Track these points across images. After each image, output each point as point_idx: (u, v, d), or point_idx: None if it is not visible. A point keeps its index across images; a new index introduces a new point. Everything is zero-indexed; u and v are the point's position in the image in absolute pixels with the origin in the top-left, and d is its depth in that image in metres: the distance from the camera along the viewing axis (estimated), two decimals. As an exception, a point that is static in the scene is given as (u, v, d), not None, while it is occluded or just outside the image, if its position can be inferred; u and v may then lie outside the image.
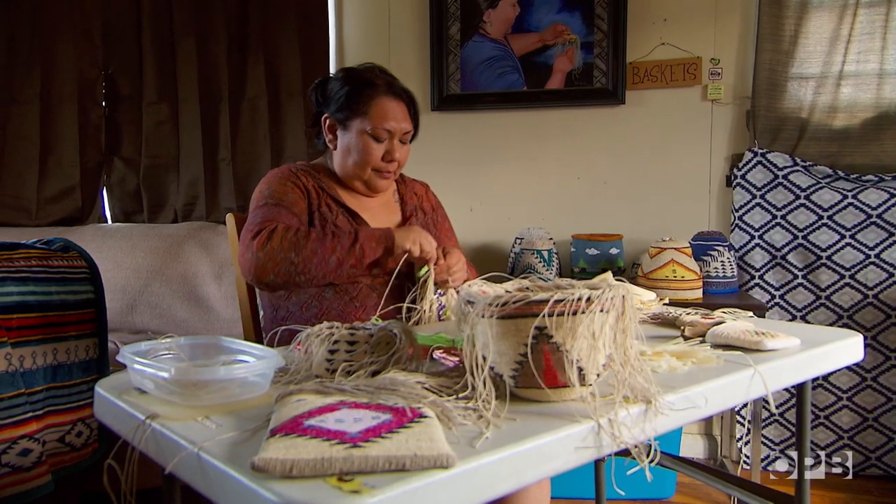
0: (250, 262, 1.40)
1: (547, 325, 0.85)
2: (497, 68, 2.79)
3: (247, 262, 1.41)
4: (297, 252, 1.40)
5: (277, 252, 1.39)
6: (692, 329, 1.30)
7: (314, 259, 1.40)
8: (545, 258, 2.42)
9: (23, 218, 2.94)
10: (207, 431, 0.79)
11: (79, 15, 2.94)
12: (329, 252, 1.41)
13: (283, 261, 1.39)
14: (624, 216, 2.76)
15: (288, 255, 1.39)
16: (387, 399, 0.80)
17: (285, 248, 1.39)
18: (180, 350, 1.02)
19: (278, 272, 1.40)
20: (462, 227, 2.91)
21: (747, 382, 1.06)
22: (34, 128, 2.93)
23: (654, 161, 2.75)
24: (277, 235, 1.40)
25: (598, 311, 0.86)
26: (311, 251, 1.40)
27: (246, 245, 1.42)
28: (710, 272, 2.44)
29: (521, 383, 0.89)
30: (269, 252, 1.39)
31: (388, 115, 1.58)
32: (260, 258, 1.39)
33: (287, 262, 1.39)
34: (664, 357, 1.10)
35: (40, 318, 1.66)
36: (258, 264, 1.39)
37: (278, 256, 1.39)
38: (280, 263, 1.39)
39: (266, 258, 1.39)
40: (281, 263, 1.39)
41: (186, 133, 2.94)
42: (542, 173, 2.84)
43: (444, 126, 2.89)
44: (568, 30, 2.72)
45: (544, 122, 2.83)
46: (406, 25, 2.92)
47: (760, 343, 1.16)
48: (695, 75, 2.67)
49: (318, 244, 1.41)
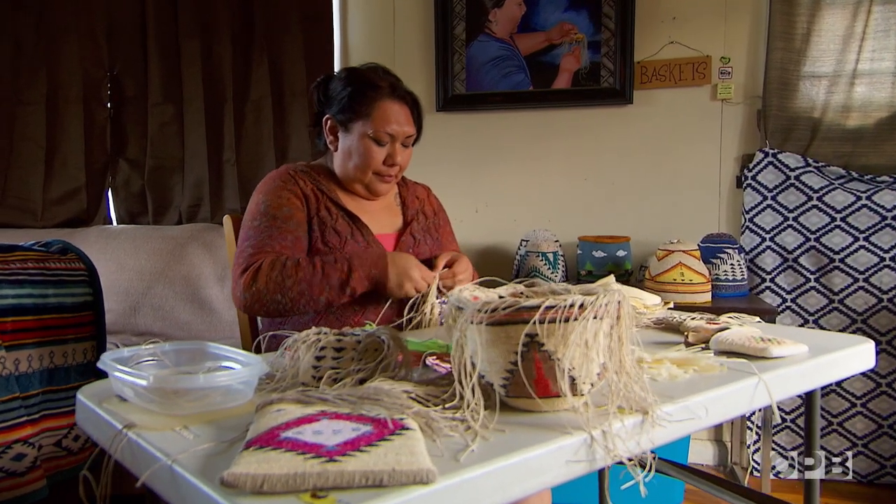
0: (238, 300, 1.41)
1: (538, 332, 0.82)
2: (503, 68, 2.76)
3: (236, 298, 1.42)
4: (284, 293, 1.37)
5: (263, 293, 1.38)
6: (695, 335, 1.26)
7: (301, 300, 1.38)
8: (550, 261, 2.38)
9: (28, 220, 2.94)
10: (184, 442, 0.76)
11: (84, 16, 2.94)
12: (318, 292, 1.39)
13: (270, 301, 1.38)
14: (631, 218, 2.71)
15: (274, 296, 1.38)
16: (369, 409, 0.77)
17: (271, 289, 1.37)
18: (165, 356, 1.00)
19: (267, 311, 1.40)
20: (467, 229, 2.89)
21: (751, 391, 1.02)
22: (40, 129, 2.94)
23: (663, 162, 2.70)
24: (263, 275, 1.38)
25: (592, 318, 0.82)
26: (298, 293, 1.38)
27: (235, 281, 1.42)
28: (720, 275, 2.39)
29: (512, 393, 0.86)
30: (255, 294, 1.38)
31: (391, 119, 1.54)
32: (247, 298, 1.39)
33: (274, 303, 1.38)
34: (664, 365, 1.06)
35: (36, 321, 1.64)
36: (246, 304, 1.40)
37: (265, 298, 1.38)
38: (267, 304, 1.38)
39: (252, 299, 1.38)
40: (268, 304, 1.38)
41: (191, 134, 2.93)
42: (549, 174, 2.81)
43: (450, 126, 2.86)
44: (575, 29, 2.68)
45: (551, 122, 2.79)
46: (411, 25, 2.89)
47: (766, 350, 1.12)
48: (704, 74, 2.63)
49: (306, 285, 1.38)
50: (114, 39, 2.96)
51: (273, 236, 1.45)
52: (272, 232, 1.46)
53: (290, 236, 1.47)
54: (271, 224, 1.47)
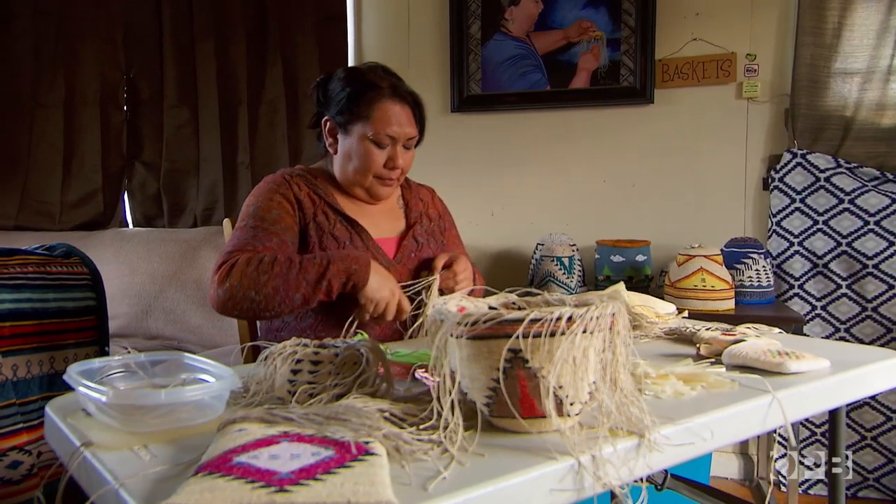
0: (213, 298, 1.34)
1: (522, 347, 0.75)
2: (519, 67, 2.69)
3: (210, 297, 1.35)
4: (258, 290, 1.30)
5: (237, 290, 1.30)
6: (707, 348, 1.18)
7: (276, 297, 1.31)
8: (566, 266, 2.31)
9: (46, 222, 2.95)
10: (137, 464, 0.71)
11: (102, 19, 2.95)
12: (293, 289, 1.31)
13: (244, 299, 1.30)
14: (652, 221, 2.62)
15: (248, 293, 1.30)
16: (336, 431, 0.71)
17: (245, 285, 1.30)
18: (139, 367, 0.96)
19: (241, 309, 1.32)
20: (482, 233, 2.83)
21: (763, 411, 0.94)
22: (58, 132, 2.95)
23: (685, 163, 2.61)
24: (237, 271, 1.31)
25: (581, 333, 0.76)
26: (272, 289, 1.30)
27: (211, 278, 1.36)
28: (744, 281, 2.29)
29: (496, 412, 0.79)
30: (228, 290, 1.31)
31: (392, 120, 1.49)
32: (220, 296, 1.32)
33: (247, 301, 1.30)
34: (669, 381, 0.98)
35: (36, 326, 1.62)
36: (220, 302, 1.33)
37: (238, 294, 1.30)
38: (241, 301, 1.31)
39: (226, 296, 1.31)
40: (242, 301, 1.31)
41: (206, 136, 2.92)
42: (567, 176, 2.73)
43: (465, 128, 2.80)
44: (593, 26, 2.61)
45: (568, 122, 2.72)
46: (426, 25, 2.84)
47: (782, 365, 1.04)
48: (729, 72, 2.53)
49: (281, 280, 1.30)
50: (130, 42, 2.96)
51: (257, 237, 1.40)
52: (257, 233, 1.41)
53: (276, 238, 1.41)
54: (257, 225, 1.42)
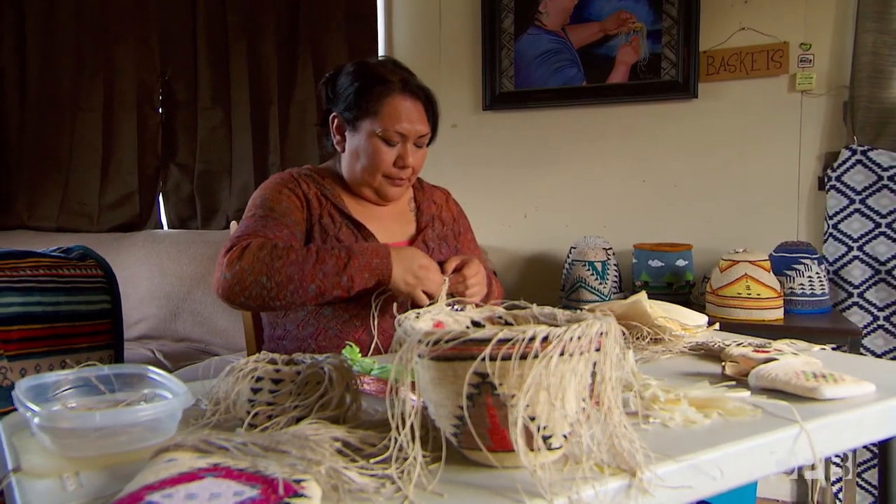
0: (219, 281, 1.25)
1: (489, 371, 0.65)
2: (554, 62, 2.57)
3: (216, 281, 1.26)
4: (270, 276, 1.22)
5: (247, 273, 1.22)
6: (733, 367, 1.05)
7: (289, 286, 1.23)
8: (598, 271, 2.18)
9: (85, 224, 3.00)
10: (59, 496, 0.65)
11: (139, 22, 2.97)
12: (309, 279, 1.23)
13: (254, 284, 1.22)
14: (695, 224, 2.47)
15: (259, 278, 1.22)
16: (269, 465, 0.63)
17: (256, 269, 1.22)
18: (100, 382, 0.90)
19: (249, 295, 1.23)
20: (515, 235, 2.73)
21: (788, 445, 0.81)
22: (97, 135, 2.99)
23: (732, 162, 2.46)
24: (250, 253, 1.24)
25: (557, 355, 0.65)
26: (286, 276, 1.22)
27: (218, 261, 1.28)
28: (795, 289, 2.12)
29: (465, 443, 0.70)
30: (238, 273, 1.23)
31: (402, 117, 1.40)
32: (228, 279, 1.23)
33: (258, 286, 1.22)
34: (680, 406, 0.87)
35: (46, 330, 1.61)
36: (226, 285, 1.24)
37: (248, 279, 1.22)
38: (250, 287, 1.22)
39: (234, 279, 1.23)
40: (251, 287, 1.22)
41: (238, 137, 2.91)
42: (604, 176, 2.61)
43: (497, 126, 2.71)
44: (633, 17, 2.47)
45: (606, 120, 2.61)
46: (457, 20, 2.76)
47: (816, 390, 0.91)
48: (780, 63, 2.36)
49: (296, 268, 1.23)
50: (166, 44, 2.98)
51: (268, 226, 1.33)
52: (267, 222, 1.34)
53: (286, 230, 1.35)
54: (267, 215, 1.36)
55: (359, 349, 1.12)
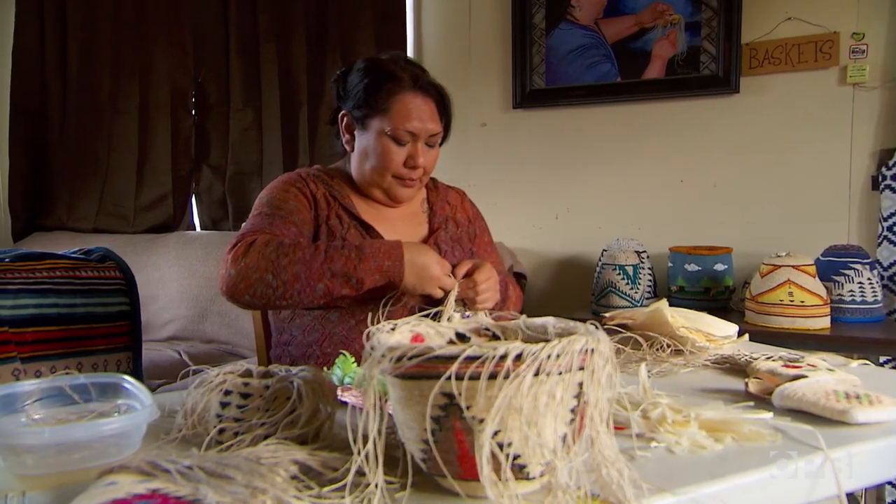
0: (223, 278, 1.22)
1: (455, 392, 0.59)
2: (587, 58, 2.48)
3: (220, 278, 1.23)
4: (276, 273, 1.18)
5: (252, 271, 1.18)
6: (757, 384, 0.96)
7: (296, 284, 1.18)
8: (629, 275, 2.08)
9: (121, 225, 3.03)
10: (-5, 514, 0.61)
11: (174, 25, 2.99)
12: (316, 278, 1.18)
13: (259, 282, 1.18)
14: (736, 226, 2.36)
15: (264, 276, 1.18)
16: (209, 493, 0.57)
17: (262, 267, 1.18)
18: (77, 390, 0.87)
19: (254, 293, 1.19)
20: (546, 238, 2.64)
21: (811, 476, 0.72)
22: (133, 137, 3.01)
23: (776, 160, 2.34)
24: (255, 250, 1.20)
25: (531, 375, 0.58)
26: (292, 275, 1.18)
27: (223, 258, 1.24)
28: (844, 296, 1.98)
29: (434, 469, 0.64)
30: (242, 270, 1.19)
31: (412, 115, 1.35)
32: (232, 276, 1.19)
33: (263, 284, 1.18)
34: (689, 429, 0.78)
35: (62, 332, 1.60)
36: (230, 283, 1.20)
37: (253, 276, 1.18)
38: (255, 284, 1.18)
39: (239, 277, 1.19)
40: (256, 284, 1.18)
41: (269, 139, 2.91)
42: (639, 176, 2.52)
43: (527, 125, 2.64)
44: (670, 9, 2.36)
45: (641, 117, 2.51)
46: (487, 17, 2.70)
47: (847, 413, 0.82)
48: (830, 55, 2.22)
49: (304, 267, 1.18)
50: (199, 46, 2.99)
51: (274, 223, 1.29)
52: (273, 220, 1.30)
53: (294, 228, 1.31)
54: (274, 213, 1.32)
55: (353, 359, 1.06)
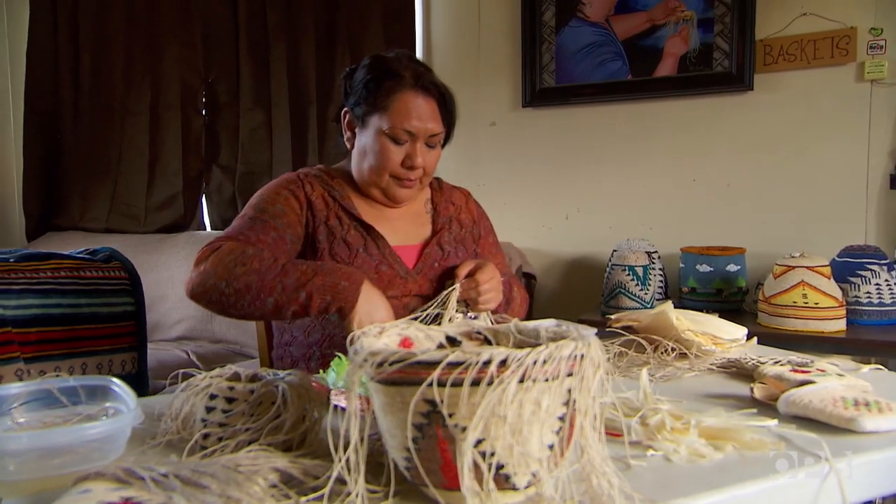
0: (187, 280, 1.21)
1: (437, 398, 0.57)
2: (597, 56, 2.45)
3: (186, 280, 1.22)
4: (230, 282, 1.15)
5: (209, 277, 1.16)
6: (763, 389, 0.93)
7: (247, 295, 1.15)
8: (639, 276, 2.04)
9: (132, 225, 3.04)
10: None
11: (184, 25, 2.99)
12: (267, 291, 1.15)
13: (213, 289, 1.16)
14: (749, 226, 2.31)
15: (218, 283, 1.16)
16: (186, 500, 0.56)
17: (219, 273, 1.16)
18: (66, 393, 0.86)
19: (209, 300, 1.18)
20: (556, 238, 2.61)
21: (814, 487, 0.69)
22: (144, 137, 3.02)
23: (791, 159, 2.29)
24: (216, 257, 1.18)
25: (516, 381, 0.56)
26: (244, 285, 1.15)
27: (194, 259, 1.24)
28: (860, 298, 1.93)
29: (417, 479, 0.61)
30: (201, 274, 1.18)
31: (411, 114, 1.32)
32: (193, 279, 1.19)
33: (216, 292, 1.16)
34: (688, 436, 0.76)
35: (66, 332, 1.60)
36: (190, 285, 1.20)
37: (208, 282, 1.16)
38: (210, 291, 1.17)
39: (198, 279, 1.18)
40: (210, 291, 1.16)
41: (278, 138, 2.90)
42: (651, 176, 2.48)
43: (537, 124, 2.61)
44: (682, 6, 2.32)
45: (653, 115, 2.47)
46: (496, 15, 2.67)
47: (854, 421, 0.78)
48: (847, 51, 2.17)
49: (256, 277, 1.15)
50: (209, 47, 2.99)
51: (254, 228, 1.28)
52: (254, 224, 1.29)
53: (274, 233, 1.29)
54: (256, 216, 1.31)
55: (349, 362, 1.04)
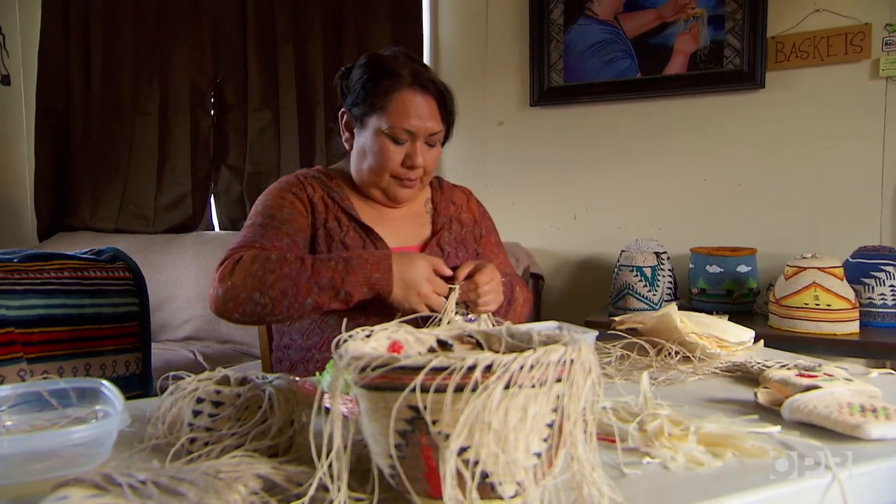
0: (211, 298, 1.20)
1: (420, 404, 0.55)
2: (606, 54, 2.42)
3: (209, 297, 1.21)
4: (264, 291, 1.15)
5: (240, 290, 1.16)
6: (767, 394, 0.90)
7: (284, 300, 1.16)
8: (647, 277, 2.01)
9: (142, 225, 3.05)
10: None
11: (193, 26, 3.00)
12: (304, 293, 1.16)
13: (247, 301, 1.16)
14: (761, 227, 2.28)
15: (252, 294, 1.15)
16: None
17: (249, 286, 1.16)
18: (56, 395, 0.85)
19: (243, 312, 1.17)
20: (564, 238, 2.59)
21: (816, 498, 0.67)
22: (153, 138, 3.04)
23: (804, 158, 2.25)
24: (241, 268, 1.17)
25: (501, 388, 0.54)
26: (280, 291, 1.15)
27: (211, 276, 1.22)
28: (874, 300, 1.89)
29: (402, 486, 0.60)
30: (229, 289, 1.16)
31: (410, 113, 1.31)
32: (220, 295, 1.17)
33: (251, 303, 1.16)
34: (686, 443, 0.73)
35: (70, 332, 1.60)
36: (219, 302, 1.18)
37: (241, 295, 1.16)
38: (243, 303, 1.16)
39: (227, 296, 1.17)
40: (244, 303, 1.16)
41: (286, 138, 2.90)
42: (660, 175, 2.44)
43: (545, 123, 2.59)
44: (692, 2, 2.29)
45: (663, 114, 2.43)
46: (504, 13, 2.65)
47: (860, 428, 0.76)
48: (861, 47, 2.13)
49: (290, 282, 1.16)
50: (218, 48, 3.00)
51: (266, 235, 1.27)
52: (266, 231, 1.28)
53: (287, 239, 1.28)
54: (266, 223, 1.30)
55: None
